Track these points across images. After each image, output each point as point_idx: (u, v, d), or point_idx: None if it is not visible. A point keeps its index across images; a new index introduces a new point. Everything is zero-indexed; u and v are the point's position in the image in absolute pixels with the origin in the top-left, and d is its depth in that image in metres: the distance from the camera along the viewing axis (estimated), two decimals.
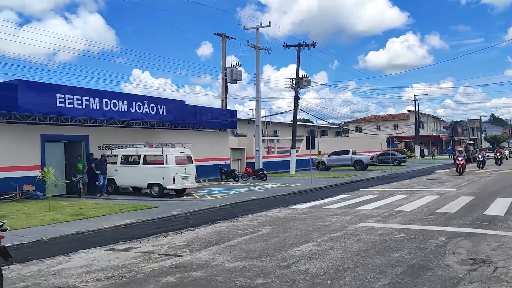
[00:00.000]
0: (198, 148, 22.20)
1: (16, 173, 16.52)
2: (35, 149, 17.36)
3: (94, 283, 5.80)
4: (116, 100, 19.37)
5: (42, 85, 17.23)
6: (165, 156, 17.17)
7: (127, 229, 10.44)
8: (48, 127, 17.84)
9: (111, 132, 20.56)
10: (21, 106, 15.93)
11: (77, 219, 11.73)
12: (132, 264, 6.79)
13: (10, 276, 6.33)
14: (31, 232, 9.97)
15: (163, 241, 8.63)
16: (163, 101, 22.27)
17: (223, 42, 29.86)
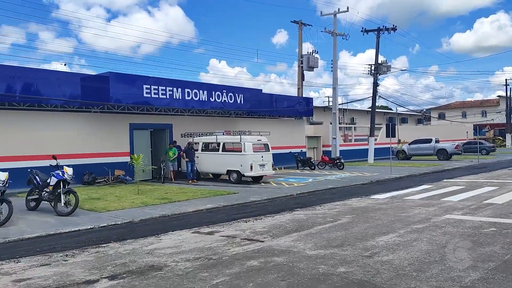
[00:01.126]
0: (274, 136, 22.45)
1: (108, 159, 17.85)
2: (125, 137, 18.63)
3: (183, 263, 6.17)
4: (197, 90, 20.10)
5: (131, 77, 18.36)
6: (243, 144, 17.58)
7: (209, 214, 10.89)
8: (136, 116, 19.05)
9: (192, 120, 21.45)
10: (112, 96, 17.11)
11: (163, 203, 12.44)
12: (217, 247, 7.11)
13: (110, 253, 6.93)
14: (124, 213, 10.76)
15: (244, 226, 8.92)
16: (241, 90, 22.71)
17: (299, 30, 29.68)
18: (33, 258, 6.72)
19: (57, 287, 5.27)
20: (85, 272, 5.89)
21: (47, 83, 15.81)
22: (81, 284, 5.36)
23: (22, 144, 15.29)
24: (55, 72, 17.53)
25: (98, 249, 7.22)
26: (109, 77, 17.11)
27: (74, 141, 16.81)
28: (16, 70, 15.55)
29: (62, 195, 10.79)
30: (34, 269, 6.12)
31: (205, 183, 17.73)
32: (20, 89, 15.14)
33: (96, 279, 5.54)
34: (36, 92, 15.51)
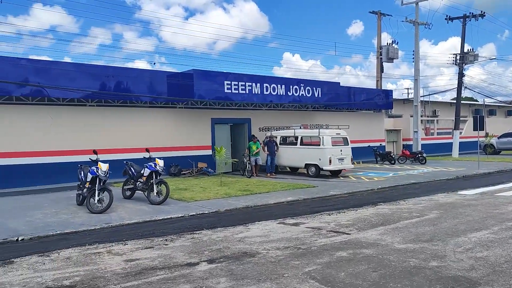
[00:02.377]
0: (352, 129, 22.13)
1: (192, 152, 18.79)
2: (207, 131, 19.47)
3: (274, 251, 6.47)
4: (275, 84, 20.43)
5: (213, 73, 19.11)
6: (321, 138, 17.61)
7: (290, 206, 11.14)
8: (217, 111, 19.82)
9: (270, 114, 21.85)
10: (196, 92, 17.95)
11: (245, 194, 12.90)
12: (305, 238, 7.34)
13: (204, 240, 7.43)
14: (209, 203, 11.34)
15: (328, 219, 9.05)
16: (318, 84, 22.68)
17: (378, 20, 28.93)
18: (138, 242, 7.40)
19: (163, 267, 5.81)
20: (185, 255, 6.40)
21: (137, 81, 16.99)
22: (184, 266, 5.85)
23: (117, 137, 16.59)
24: (145, 71, 18.73)
25: (193, 236, 7.76)
26: (193, 74, 17.96)
27: (162, 135, 17.90)
28: (110, 70, 16.89)
29: (154, 185, 11.61)
30: (140, 251, 6.76)
31: (283, 176, 18.02)
32: (114, 87, 16.41)
33: (196, 262, 6.02)
34: (128, 90, 16.73)
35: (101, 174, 10.59)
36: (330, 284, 4.93)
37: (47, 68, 15.06)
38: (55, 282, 5.29)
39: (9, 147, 14.46)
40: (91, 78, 15.93)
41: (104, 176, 10.60)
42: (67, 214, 10.12)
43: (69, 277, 5.48)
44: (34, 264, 6.14)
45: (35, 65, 15.12)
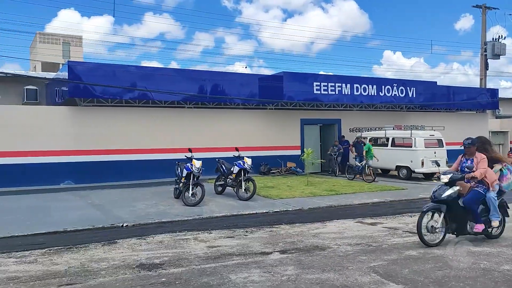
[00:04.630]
0: (451, 131, 21.09)
1: (281, 152, 19.40)
2: (296, 132, 19.96)
3: (345, 247, 6.75)
4: (365, 84, 20.25)
5: (302, 75, 19.56)
6: (414, 139, 17.13)
7: (374, 207, 11.17)
8: (306, 112, 20.22)
9: (360, 115, 21.67)
10: (285, 94, 18.55)
11: (330, 194, 13.12)
12: (378, 236, 7.48)
13: (281, 233, 7.94)
14: (294, 202, 11.79)
15: (408, 220, 9.00)
16: (413, 83, 21.94)
17: (483, 14, 27.05)
18: (221, 232, 8.13)
19: (240, 254, 6.42)
20: (261, 245, 6.95)
21: (231, 84, 18.07)
22: (258, 254, 6.41)
23: (210, 137, 17.78)
24: (237, 74, 19.81)
25: (272, 229, 8.30)
26: (283, 76, 18.57)
27: (252, 135, 18.76)
28: (206, 74, 18.21)
29: (242, 182, 12.37)
30: (222, 239, 7.46)
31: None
32: (210, 90, 17.65)
33: (269, 252, 6.54)
34: (222, 92, 17.87)
35: (195, 170, 11.58)
36: (391, 279, 5.12)
37: (152, 74, 16.72)
38: (147, 260, 6.16)
39: (120, 145, 16.30)
40: (190, 82, 17.34)
41: (197, 172, 11.59)
42: (165, 205, 11.25)
43: (159, 257, 6.33)
44: (132, 245, 7.14)
45: (142, 71, 16.88)
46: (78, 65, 16.57)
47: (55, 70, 26.07)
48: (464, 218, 6.79)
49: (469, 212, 6.77)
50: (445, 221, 6.72)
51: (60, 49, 43.50)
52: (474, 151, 7.02)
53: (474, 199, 6.81)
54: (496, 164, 7.07)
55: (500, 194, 7.06)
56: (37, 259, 6.36)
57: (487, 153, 7.03)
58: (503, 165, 7.10)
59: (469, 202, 6.77)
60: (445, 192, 6.65)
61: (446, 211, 6.66)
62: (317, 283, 5.01)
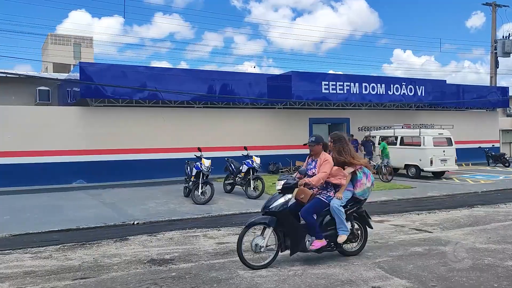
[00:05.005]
0: (460, 129, 21.07)
1: (290, 151, 19.50)
2: (305, 131, 20.04)
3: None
4: (374, 83, 20.28)
5: (311, 75, 19.65)
6: (423, 138, 17.14)
7: (382, 205, 11.24)
8: (315, 111, 20.31)
9: (369, 114, 21.70)
10: (294, 93, 18.67)
11: None
12: (385, 234, 7.58)
13: None
14: None
15: (415, 218, 9.08)
16: (422, 82, 21.91)
17: (493, 12, 26.89)
18: (230, 229, 8.29)
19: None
20: None
21: (239, 83, 18.23)
22: None
23: (219, 136, 17.95)
24: (246, 74, 19.97)
25: None
26: (291, 76, 18.69)
27: (261, 134, 18.90)
28: (215, 74, 18.41)
29: (251, 181, 12.52)
30: (230, 236, 7.62)
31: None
32: (219, 89, 17.83)
33: None
34: (231, 92, 18.04)
35: (204, 169, 11.75)
36: (395, 274, 5.23)
37: (161, 74, 16.94)
38: (158, 255, 6.34)
39: (130, 144, 16.54)
40: (199, 82, 17.53)
41: (206, 171, 11.76)
42: (175, 204, 11.44)
43: (170, 253, 6.50)
44: (143, 241, 7.32)
45: (152, 72, 17.11)
46: (89, 66, 16.86)
47: (66, 71, 26.49)
48: (302, 233, 5.67)
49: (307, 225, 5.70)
50: (277, 237, 5.65)
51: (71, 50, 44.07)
52: (320, 151, 5.98)
53: (312, 209, 5.65)
54: (348, 167, 5.96)
55: (356, 202, 6.01)
56: (51, 255, 6.57)
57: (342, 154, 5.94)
58: (357, 168, 6.00)
59: (305, 212, 5.64)
60: (275, 202, 5.61)
61: (277, 225, 5.58)
62: (322, 278, 5.14)
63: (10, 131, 14.90)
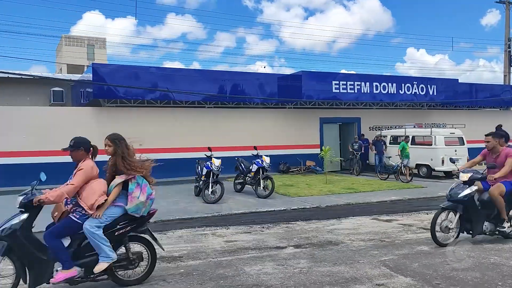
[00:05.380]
0: (473, 128, 20.85)
1: (300, 150, 19.56)
2: (315, 130, 20.09)
3: (358, 242, 6.91)
4: (385, 83, 20.23)
5: (321, 74, 19.67)
6: (434, 137, 17.06)
7: (392, 205, 11.24)
8: (325, 111, 20.32)
9: (380, 113, 21.64)
10: (304, 93, 18.72)
11: (349, 192, 13.23)
12: (392, 232, 7.61)
13: (297, 229, 8.15)
14: (312, 199, 11.95)
15: (424, 217, 9.08)
16: (434, 81, 21.77)
17: (506, 10, 26.58)
18: (238, 227, 8.39)
19: (255, 248, 6.66)
20: (276, 240, 7.18)
21: (250, 83, 18.35)
22: (273, 248, 6.64)
23: (230, 136, 18.06)
24: (256, 74, 20.05)
25: (288, 225, 8.51)
26: (302, 76, 18.74)
27: (271, 134, 18.97)
28: (226, 74, 18.54)
29: (261, 180, 12.60)
30: (239, 235, 7.73)
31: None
32: (229, 90, 17.96)
33: (284, 246, 6.76)
34: (241, 92, 18.16)
35: (214, 168, 11.87)
36: (400, 272, 5.27)
37: (173, 75, 17.13)
38: (167, 253, 6.46)
39: (142, 144, 16.72)
40: (210, 82, 17.68)
41: (217, 170, 11.88)
42: (186, 203, 11.59)
43: (178, 251, 6.64)
44: None
45: (163, 72, 17.30)
46: (102, 67, 17.12)
47: (80, 72, 26.90)
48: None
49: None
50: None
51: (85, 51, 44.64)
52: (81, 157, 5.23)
53: (57, 230, 4.71)
54: (118, 176, 5.00)
55: (131, 220, 4.98)
56: None
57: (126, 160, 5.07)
58: (129, 178, 5.01)
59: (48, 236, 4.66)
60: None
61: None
62: (327, 275, 5.21)
63: (25, 131, 15.21)
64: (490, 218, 6.59)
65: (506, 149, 6.68)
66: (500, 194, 6.42)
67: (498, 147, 6.77)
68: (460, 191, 6.45)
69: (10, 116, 15.28)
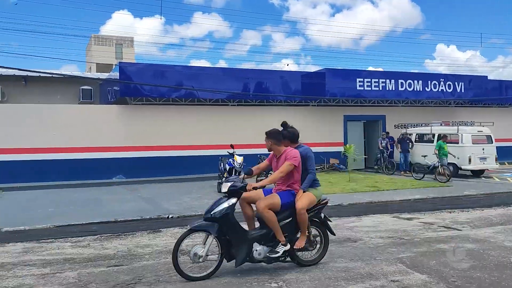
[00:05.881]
0: (502, 126, 20.39)
1: (324, 148, 19.49)
2: (339, 128, 20.00)
3: (376, 239, 6.92)
4: (411, 80, 19.95)
5: (345, 72, 19.57)
6: (461, 135, 16.74)
7: (414, 203, 11.12)
8: (349, 108, 20.19)
9: (406, 111, 21.33)
10: (328, 91, 18.65)
11: (372, 191, 13.15)
12: (412, 231, 7.57)
13: None
14: (334, 197, 11.88)
15: (446, 216, 8.98)
16: (461, 78, 21.32)
17: None
18: None
19: None
20: None
21: (274, 81, 18.44)
22: None
23: (252, 134, 18.11)
24: (280, 72, 20.13)
25: None
26: (325, 73, 18.70)
27: None
28: (250, 72, 18.70)
29: None
30: None
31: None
32: (253, 87, 18.09)
33: None
34: (265, 90, 18.27)
35: (236, 165, 12.03)
36: (416, 269, 5.27)
37: (198, 73, 17.38)
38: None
39: (167, 141, 17.07)
40: (234, 80, 17.85)
41: (239, 167, 12.04)
42: (208, 199, 11.72)
43: None
44: (175, 233, 7.66)
45: (188, 71, 17.59)
46: (128, 66, 17.54)
47: (108, 70, 27.53)
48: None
49: None
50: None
51: (113, 50, 45.57)
52: None
53: None
54: None
55: None
56: (89, 244, 7.01)
57: None
58: None
59: None
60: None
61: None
62: (343, 271, 5.26)
63: (55, 128, 15.74)
64: (265, 240, 5.22)
65: (287, 151, 5.45)
66: (271, 208, 5.13)
67: (279, 148, 5.53)
68: (215, 207, 5.13)
69: (41, 113, 15.84)
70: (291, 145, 5.65)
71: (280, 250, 5.18)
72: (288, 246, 5.23)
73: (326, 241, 5.62)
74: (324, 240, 5.62)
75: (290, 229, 5.30)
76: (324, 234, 5.63)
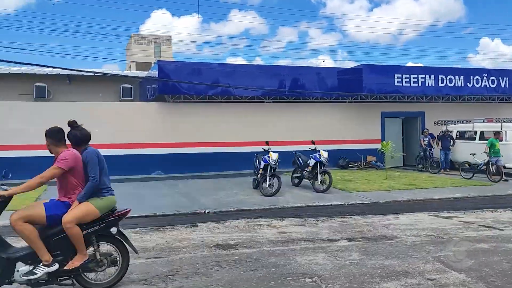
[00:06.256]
0: None
1: (361, 145, 19.27)
2: (376, 125, 19.69)
3: (413, 238, 6.83)
4: (451, 75, 19.36)
5: (382, 67, 19.22)
6: (505, 132, 16.12)
7: (454, 202, 10.85)
8: (387, 105, 19.83)
9: (446, 107, 20.75)
10: (365, 87, 18.38)
11: (410, 189, 12.90)
12: (451, 229, 7.41)
13: (351, 223, 8.17)
14: (371, 195, 11.81)
15: (488, 215, 8.72)
16: (506, 73, 20.47)
17: None
18: (293, 220, 8.55)
19: (308, 239, 6.81)
20: (330, 233, 7.27)
21: (309, 78, 18.37)
22: (326, 241, 6.75)
23: (288, 130, 18.19)
24: (316, 68, 20.02)
25: (343, 219, 8.55)
26: (362, 69, 18.42)
27: (331, 128, 18.86)
28: (285, 69, 18.73)
29: (318, 175, 12.64)
30: (293, 227, 7.89)
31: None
32: (289, 84, 18.09)
33: (337, 239, 6.84)
34: (301, 87, 18.23)
35: (272, 162, 12.10)
36: (454, 268, 5.18)
37: (234, 71, 17.57)
38: (223, 241, 6.79)
39: (204, 138, 17.36)
40: (269, 77, 17.91)
41: (274, 164, 12.10)
42: (244, 195, 11.92)
43: (234, 239, 6.93)
44: (211, 228, 7.83)
45: (224, 69, 17.81)
46: (166, 64, 17.94)
47: (148, 69, 28.23)
48: None
49: None
50: None
51: (152, 49, 46.62)
52: None
53: None
54: None
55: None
56: (130, 237, 7.18)
57: None
58: None
59: None
60: None
61: None
62: (378, 268, 5.24)
63: (98, 125, 16.26)
64: (32, 259, 4.40)
65: (60, 152, 4.75)
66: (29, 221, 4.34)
67: (57, 149, 4.78)
68: None
69: (83, 111, 16.45)
70: (77, 148, 4.98)
71: (39, 272, 4.33)
72: (55, 267, 4.40)
73: (125, 259, 4.88)
74: (122, 258, 4.86)
75: (66, 246, 4.49)
76: (122, 252, 4.87)
